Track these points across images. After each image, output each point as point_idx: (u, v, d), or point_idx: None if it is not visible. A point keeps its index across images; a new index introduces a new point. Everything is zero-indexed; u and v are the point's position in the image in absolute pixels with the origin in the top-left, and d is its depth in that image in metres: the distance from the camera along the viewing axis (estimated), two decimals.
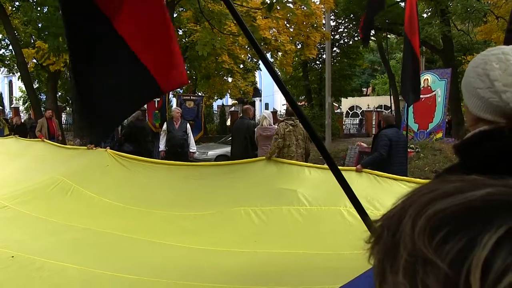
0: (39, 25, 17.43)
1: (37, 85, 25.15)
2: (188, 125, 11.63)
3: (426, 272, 0.46)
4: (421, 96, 12.65)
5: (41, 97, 25.88)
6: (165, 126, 11.31)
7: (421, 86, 12.39)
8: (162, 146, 11.09)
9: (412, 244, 0.49)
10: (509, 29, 3.67)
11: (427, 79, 17.71)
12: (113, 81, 3.26)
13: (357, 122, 39.92)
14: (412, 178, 6.04)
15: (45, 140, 11.49)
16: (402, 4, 23.95)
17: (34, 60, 19.55)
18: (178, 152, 10.81)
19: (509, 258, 0.43)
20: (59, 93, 25.08)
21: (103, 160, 7.43)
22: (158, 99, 16.26)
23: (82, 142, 14.84)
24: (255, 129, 9.57)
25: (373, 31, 23.15)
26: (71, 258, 4.30)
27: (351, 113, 42.70)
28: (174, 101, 21.01)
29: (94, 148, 8.65)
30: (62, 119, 27.38)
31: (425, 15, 25.09)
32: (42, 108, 18.76)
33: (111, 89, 3.28)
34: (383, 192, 5.34)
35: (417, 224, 0.49)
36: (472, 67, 1.46)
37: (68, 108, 28.60)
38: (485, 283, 0.43)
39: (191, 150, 11.53)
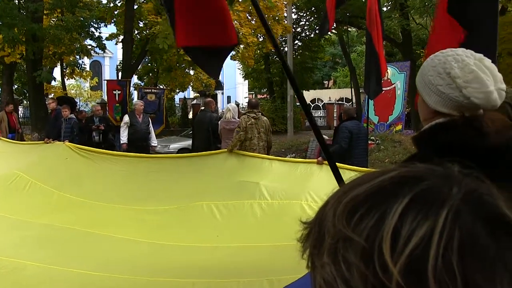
0: None
1: None
2: (149, 118, 11.49)
3: (346, 249, 0.51)
4: (385, 88, 12.83)
5: None
6: (126, 118, 11.06)
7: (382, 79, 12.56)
8: (124, 139, 10.85)
9: (334, 228, 0.54)
10: None
11: (387, 72, 17.98)
12: None
13: (319, 115, 40.25)
14: (373, 170, 6.12)
15: (1, 138, 11.14)
16: None
17: None
18: (141, 145, 10.67)
19: (414, 223, 0.49)
20: (15, 86, 24.35)
21: (62, 154, 7.25)
22: (119, 91, 16.01)
23: (40, 136, 14.50)
24: (219, 122, 9.53)
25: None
26: (31, 255, 4.21)
27: (312, 105, 43.01)
28: (135, 94, 20.72)
29: (52, 141, 8.46)
30: (19, 112, 26.66)
31: (385, 9, 25.43)
32: None
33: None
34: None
35: (337, 210, 0.55)
36: (431, 66, 1.63)
37: (25, 102, 27.88)
38: (395, 248, 0.48)
39: (152, 144, 11.47)
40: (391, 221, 0.50)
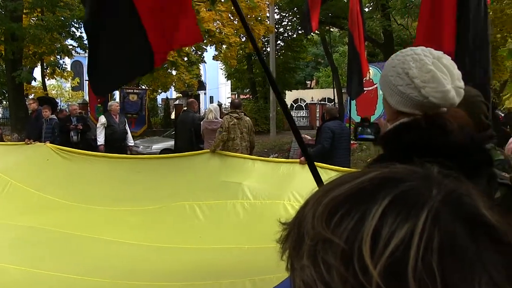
0: None
1: None
2: (125, 118, 11.54)
3: (326, 251, 0.51)
4: (364, 88, 12.91)
5: None
6: (103, 119, 10.92)
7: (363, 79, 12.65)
8: (101, 140, 10.73)
9: (313, 229, 0.53)
10: None
11: (369, 72, 18.08)
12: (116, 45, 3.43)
13: (302, 115, 40.34)
14: (355, 170, 6.16)
15: None
16: None
17: None
18: (119, 146, 10.60)
19: (394, 225, 0.49)
20: None
21: (43, 155, 7.16)
22: None
23: (20, 137, 14.32)
24: (201, 122, 9.52)
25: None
26: (11, 258, 4.15)
27: (295, 105, 43.10)
28: (117, 94, 20.56)
29: (33, 142, 8.36)
30: None
31: (366, 10, 25.59)
32: None
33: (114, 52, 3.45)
34: None
35: (316, 212, 0.55)
36: (391, 66, 1.65)
37: (4, 102, 27.53)
38: (375, 250, 0.48)
39: (129, 144, 11.45)
40: (371, 223, 0.50)
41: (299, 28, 30.05)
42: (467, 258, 0.48)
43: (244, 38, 22.70)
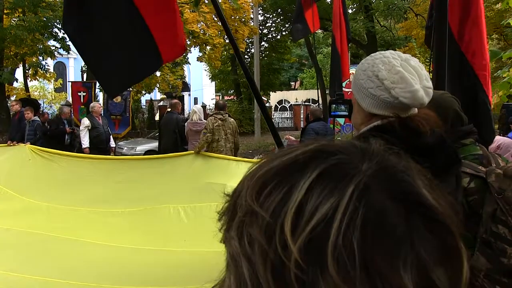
0: None
1: None
2: (106, 120, 11.54)
3: (252, 223, 0.50)
4: (346, 90, 12.98)
5: None
6: (86, 122, 10.78)
7: (346, 80, 12.73)
8: (86, 142, 10.61)
9: (245, 202, 0.52)
10: (428, 26, 3.83)
11: (352, 73, 18.16)
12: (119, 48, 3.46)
13: (286, 116, 40.44)
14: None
15: None
16: (328, 0, 24.46)
17: None
18: (103, 148, 10.55)
19: (319, 199, 0.47)
20: None
21: (24, 156, 7.07)
22: (84, 93, 15.77)
23: (1, 139, 14.16)
24: (186, 123, 9.51)
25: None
26: None
27: (279, 106, 43.19)
28: (100, 96, 20.43)
29: (15, 144, 8.27)
30: None
31: (350, 11, 25.74)
32: None
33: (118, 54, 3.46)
34: None
35: (249, 184, 0.53)
36: (362, 70, 1.68)
37: None
38: (298, 225, 0.46)
39: (112, 145, 11.45)
40: (297, 196, 0.48)
41: (283, 29, 30.15)
42: (394, 236, 0.45)
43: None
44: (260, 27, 28.63)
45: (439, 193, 0.51)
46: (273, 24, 32.41)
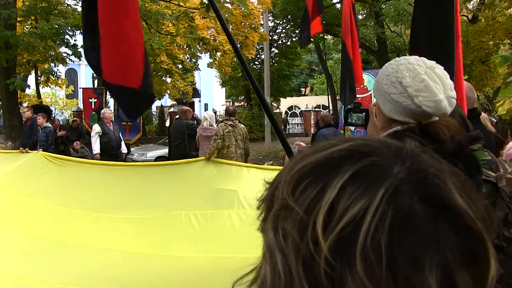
0: None
1: None
2: (117, 125, 11.55)
3: (286, 218, 0.52)
4: (358, 95, 12.92)
5: None
6: (97, 128, 10.85)
7: (359, 86, 12.69)
8: (97, 149, 10.68)
9: (281, 195, 0.54)
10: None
11: (363, 79, 18.11)
12: None
13: (296, 122, 40.42)
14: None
15: None
16: (338, 5, 24.48)
17: None
18: (114, 154, 10.58)
19: (350, 199, 0.48)
20: None
21: (37, 163, 7.11)
22: (95, 100, 15.85)
23: (14, 145, 14.25)
24: (197, 129, 9.55)
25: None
26: (2, 267, 4.10)
27: (290, 112, 43.18)
28: (111, 102, 20.52)
29: (27, 151, 8.32)
30: None
31: (360, 17, 25.73)
32: None
33: None
34: None
35: (287, 178, 0.55)
36: (385, 75, 1.67)
37: None
38: (329, 223, 0.48)
39: (123, 151, 11.45)
40: (330, 195, 0.50)
41: (293, 35, 30.16)
42: (421, 238, 0.47)
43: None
44: (270, 33, 28.70)
45: (473, 197, 0.52)
46: (283, 30, 32.43)
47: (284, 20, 30.99)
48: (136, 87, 3.37)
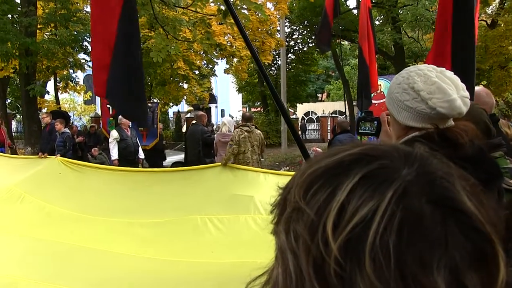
0: None
1: None
2: (135, 131, 11.60)
3: (298, 220, 0.53)
4: (374, 101, 12.89)
5: None
6: (115, 134, 10.90)
7: (375, 92, 12.64)
8: (115, 154, 10.74)
9: (294, 198, 0.56)
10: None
11: (380, 85, 18.00)
12: None
13: (313, 128, 40.34)
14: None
15: None
16: (355, 11, 24.43)
17: None
18: (132, 159, 10.65)
19: (359, 201, 0.50)
20: (9, 100, 24.28)
21: (55, 168, 7.19)
22: None
23: (33, 150, 14.41)
24: (215, 135, 9.58)
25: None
26: (21, 270, 4.14)
27: (306, 118, 43.12)
28: None
29: (46, 156, 8.42)
30: (12, 126, 26.55)
31: (377, 22, 25.64)
32: None
33: None
34: None
35: (299, 182, 0.57)
36: (396, 84, 1.68)
37: (18, 116, 27.78)
38: (339, 224, 0.49)
39: (140, 157, 11.48)
40: (340, 197, 0.51)
41: (310, 41, 30.14)
42: (429, 240, 0.47)
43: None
44: (287, 39, 28.70)
45: (482, 200, 0.53)
46: (300, 36, 32.42)
47: (301, 26, 31.00)
48: (103, 96, 3.55)
